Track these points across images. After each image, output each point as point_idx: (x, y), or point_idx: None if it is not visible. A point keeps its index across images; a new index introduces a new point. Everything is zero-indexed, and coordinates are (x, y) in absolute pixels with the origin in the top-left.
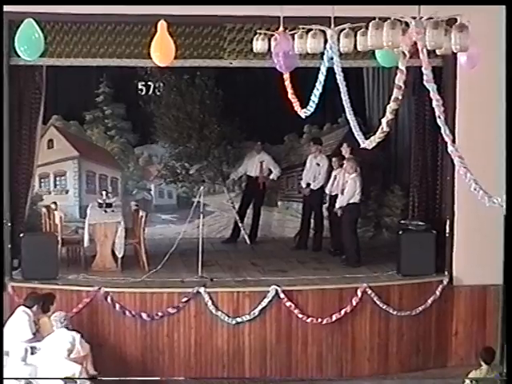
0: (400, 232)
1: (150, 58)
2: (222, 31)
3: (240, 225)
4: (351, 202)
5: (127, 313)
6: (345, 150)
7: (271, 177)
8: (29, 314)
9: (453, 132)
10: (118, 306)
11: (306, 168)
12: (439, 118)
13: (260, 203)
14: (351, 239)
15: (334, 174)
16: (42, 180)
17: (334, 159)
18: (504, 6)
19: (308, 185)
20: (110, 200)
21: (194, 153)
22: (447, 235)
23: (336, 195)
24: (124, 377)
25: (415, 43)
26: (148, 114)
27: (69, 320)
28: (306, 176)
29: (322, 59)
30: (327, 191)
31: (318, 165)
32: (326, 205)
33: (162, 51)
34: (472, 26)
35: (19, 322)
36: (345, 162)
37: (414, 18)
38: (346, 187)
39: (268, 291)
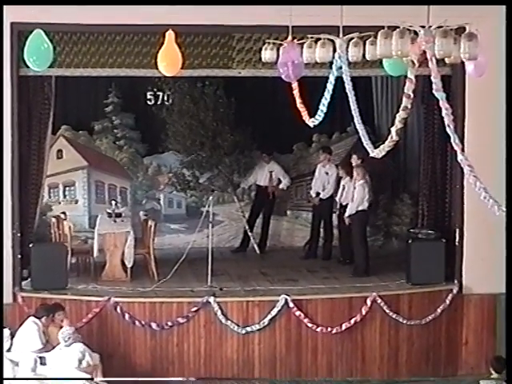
0: (409, 241)
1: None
2: (231, 41)
3: (249, 234)
4: (360, 209)
5: (137, 323)
6: (355, 162)
7: (281, 186)
8: (38, 324)
9: (462, 141)
10: (127, 315)
11: (315, 177)
12: (448, 126)
13: (269, 212)
14: (361, 247)
15: (342, 183)
16: (52, 190)
17: (340, 169)
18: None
19: (317, 194)
20: (120, 210)
21: (205, 161)
22: (457, 244)
23: (347, 204)
24: None
25: (424, 52)
26: (157, 123)
27: (76, 333)
28: (315, 185)
29: (331, 68)
30: (337, 200)
31: (327, 174)
32: (337, 213)
33: (168, 61)
34: (480, 35)
35: (29, 332)
36: (354, 169)
37: (423, 26)
38: (355, 194)
39: (277, 300)
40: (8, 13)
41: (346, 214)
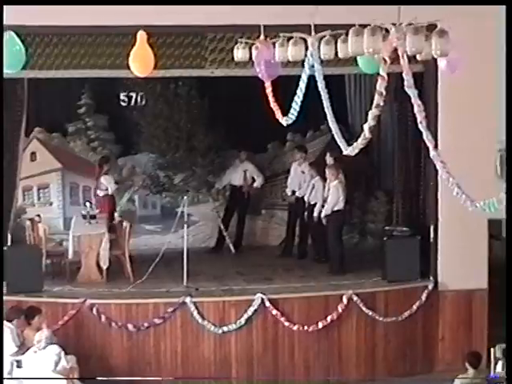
0: (385, 238)
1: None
2: (203, 41)
3: (224, 234)
4: (335, 209)
5: (113, 324)
6: (328, 160)
7: (255, 185)
8: (10, 327)
9: (435, 137)
10: (103, 317)
11: (290, 176)
12: (421, 123)
13: (244, 212)
14: (336, 246)
15: (312, 182)
16: (26, 193)
17: (311, 169)
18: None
19: (293, 192)
20: (94, 211)
21: (180, 162)
22: (431, 240)
23: (315, 204)
24: None
25: (396, 49)
26: (131, 124)
27: (52, 335)
28: (291, 184)
29: (303, 67)
30: (306, 199)
31: (303, 172)
32: (306, 213)
33: (140, 62)
34: (452, 31)
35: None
36: (327, 169)
37: (394, 24)
38: (329, 195)
39: (254, 300)
40: None
41: (323, 215)
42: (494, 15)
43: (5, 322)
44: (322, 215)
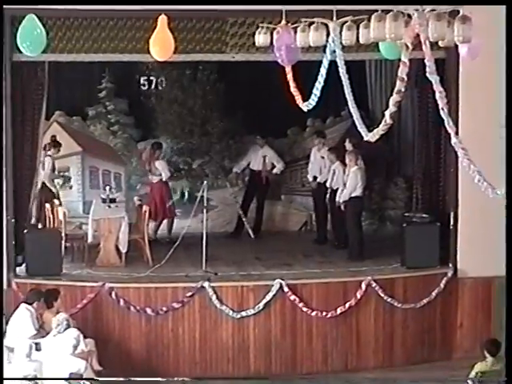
0: (404, 224)
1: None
2: (224, 25)
3: (244, 219)
4: (353, 195)
5: (132, 308)
6: (348, 146)
7: (274, 171)
8: (30, 310)
9: (456, 124)
10: (122, 301)
11: (310, 161)
12: (442, 109)
13: (263, 197)
14: (355, 233)
15: (332, 167)
16: None
17: (330, 154)
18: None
19: (315, 178)
20: (114, 195)
21: (197, 148)
22: (451, 227)
23: (337, 189)
24: (129, 372)
25: (418, 35)
26: (151, 108)
27: (70, 319)
28: (312, 169)
29: (325, 52)
30: (328, 185)
31: (323, 158)
32: (327, 198)
33: (161, 46)
34: (474, 18)
35: (21, 318)
36: (346, 155)
37: (417, 9)
38: (348, 181)
39: (272, 285)
40: None
41: (341, 200)
42: None
43: (25, 305)
44: (340, 201)
